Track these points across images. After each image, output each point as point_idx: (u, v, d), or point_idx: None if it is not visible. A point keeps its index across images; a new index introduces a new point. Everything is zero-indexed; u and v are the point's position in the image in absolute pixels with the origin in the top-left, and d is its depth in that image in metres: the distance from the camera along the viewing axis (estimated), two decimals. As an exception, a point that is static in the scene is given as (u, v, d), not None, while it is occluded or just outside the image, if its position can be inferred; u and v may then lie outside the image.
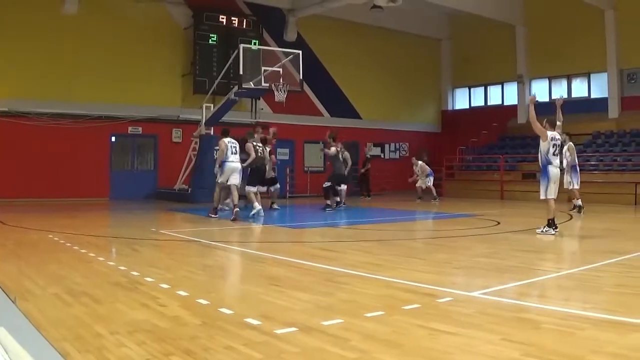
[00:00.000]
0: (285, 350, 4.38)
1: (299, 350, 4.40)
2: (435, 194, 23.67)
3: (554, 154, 12.07)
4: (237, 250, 10.31)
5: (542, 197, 12.01)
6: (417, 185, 24.13)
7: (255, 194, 16.42)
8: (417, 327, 5.02)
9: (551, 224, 11.79)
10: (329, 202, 18.52)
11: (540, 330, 4.94)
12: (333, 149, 18.75)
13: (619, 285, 7.03)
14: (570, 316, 5.33)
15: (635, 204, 21.74)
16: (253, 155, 16.33)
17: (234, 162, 15.44)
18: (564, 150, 15.80)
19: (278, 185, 18.76)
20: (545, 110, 14.50)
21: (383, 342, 4.59)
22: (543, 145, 12.04)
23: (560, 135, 12.80)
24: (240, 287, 6.94)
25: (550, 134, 12.03)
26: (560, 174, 12.82)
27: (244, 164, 16.03)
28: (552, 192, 11.96)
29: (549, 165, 11.97)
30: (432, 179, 24.07)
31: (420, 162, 24.30)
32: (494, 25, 30.55)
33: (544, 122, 12.23)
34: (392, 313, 5.48)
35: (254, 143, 16.76)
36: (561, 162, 17.52)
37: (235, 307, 5.65)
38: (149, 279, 7.13)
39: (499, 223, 14.42)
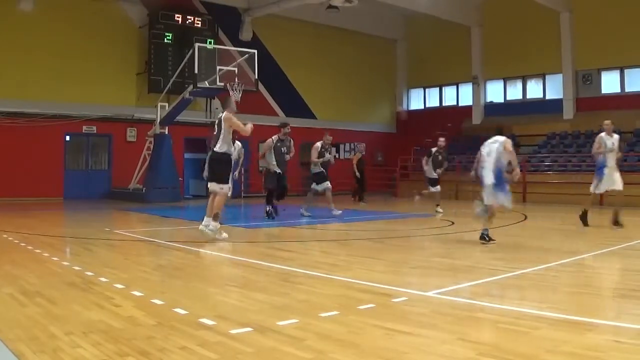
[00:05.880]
0: (240, 351, 4.38)
1: (254, 351, 4.40)
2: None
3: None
4: (192, 251, 10.23)
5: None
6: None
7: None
8: (372, 327, 5.04)
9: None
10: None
11: (495, 329, 5.01)
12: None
13: (573, 285, 7.15)
14: (526, 316, 5.39)
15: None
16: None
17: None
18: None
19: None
20: (500, 110, 14.71)
21: (338, 342, 4.61)
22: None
23: None
24: (195, 287, 6.89)
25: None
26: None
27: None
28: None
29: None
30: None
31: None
32: (450, 26, 30.81)
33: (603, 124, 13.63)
34: (348, 313, 5.50)
35: None
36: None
37: (190, 308, 5.62)
38: (103, 279, 7.06)
39: (453, 223, 14.53)
